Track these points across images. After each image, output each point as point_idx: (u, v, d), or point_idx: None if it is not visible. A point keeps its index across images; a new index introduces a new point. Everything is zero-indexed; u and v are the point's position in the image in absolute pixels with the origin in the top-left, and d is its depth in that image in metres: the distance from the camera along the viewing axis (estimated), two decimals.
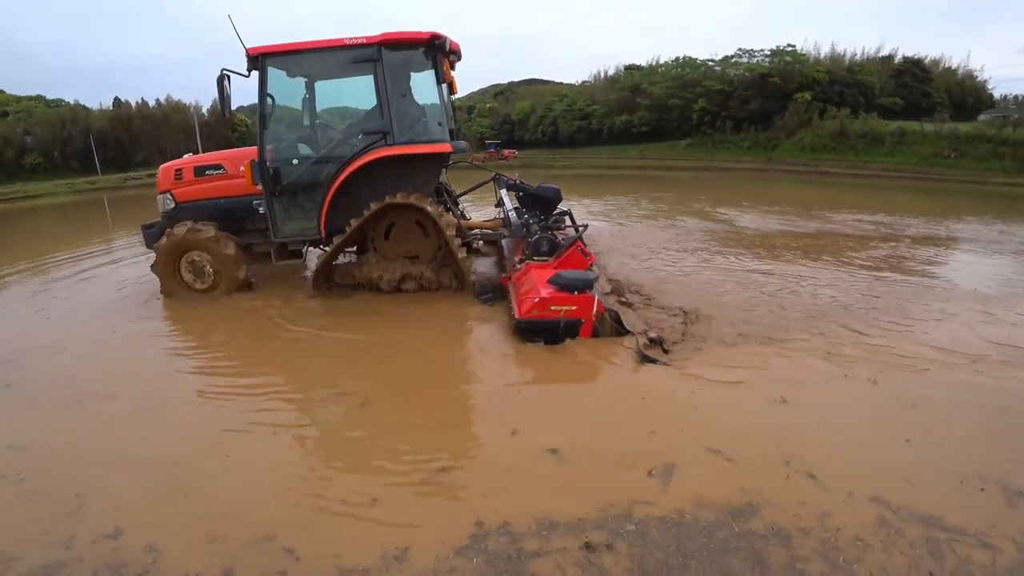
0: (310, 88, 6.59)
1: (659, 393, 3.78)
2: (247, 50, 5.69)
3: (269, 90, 5.83)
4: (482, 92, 49.57)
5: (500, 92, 47.00)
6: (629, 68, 36.72)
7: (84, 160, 36.83)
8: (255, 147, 6.39)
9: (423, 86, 6.23)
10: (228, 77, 5.58)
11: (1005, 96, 39.81)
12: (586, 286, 4.66)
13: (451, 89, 6.21)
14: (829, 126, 25.78)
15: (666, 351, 4.51)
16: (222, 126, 42.71)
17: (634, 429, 3.32)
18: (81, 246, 10.71)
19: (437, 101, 6.13)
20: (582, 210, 12.78)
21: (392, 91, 5.69)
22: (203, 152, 7.28)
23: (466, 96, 45.20)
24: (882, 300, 5.63)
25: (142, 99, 41.46)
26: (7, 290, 7.44)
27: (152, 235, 6.60)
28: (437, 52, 5.76)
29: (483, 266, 7.13)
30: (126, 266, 8.51)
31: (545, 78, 52.09)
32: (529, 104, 39.37)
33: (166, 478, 3.03)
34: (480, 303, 5.72)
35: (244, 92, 5.70)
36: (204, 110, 43.00)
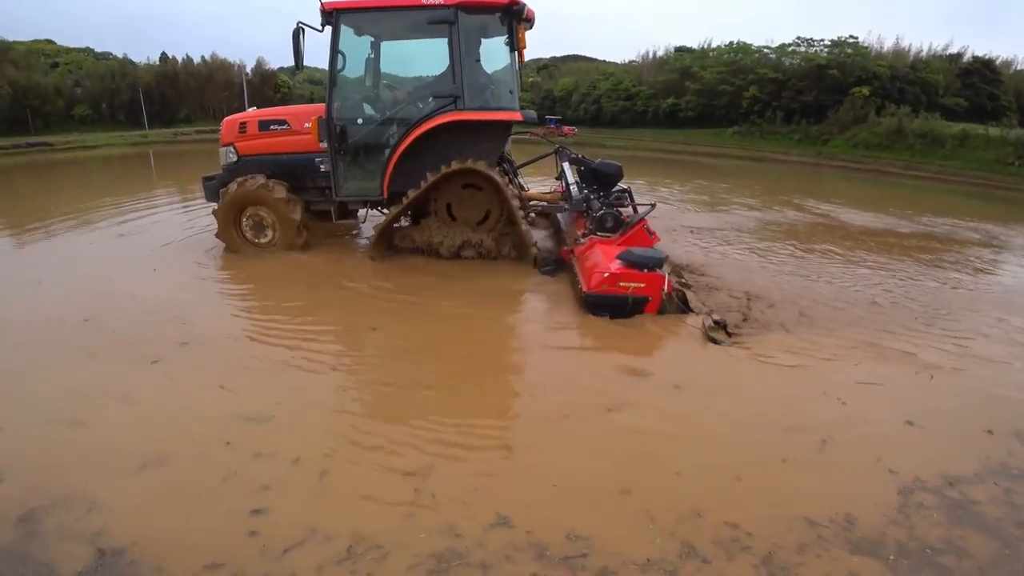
0: (376, 48, 6.51)
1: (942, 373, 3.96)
2: (322, 4, 5.62)
3: (340, 47, 5.79)
4: (523, 65, 48.87)
5: (543, 67, 46.29)
6: (680, 50, 35.73)
7: (130, 113, 37.58)
8: (320, 104, 6.40)
9: (491, 52, 6.11)
10: (303, 30, 5.54)
11: None
12: (656, 264, 4.61)
13: (520, 57, 6.08)
14: (886, 124, 24.76)
15: (730, 334, 4.44)
16: (265, 86, 43.22)
17: (959, 403, 3.55)
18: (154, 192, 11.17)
19: (508, 68, 6.00)
20: (674, 194, 12.58)
21: (465, 55, 5.59)
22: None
23: None
24: None
25: (187, 55, 41.93)
26: (110, 239, 7.42)
27: (212, 187, 6.64)
28: (514, 18, 5.63)
29: (537, 238, 7.05)
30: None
31: (588, 55, 51.20)
32: (572, 81, 38.72)
33: (508, 460, 2.80)
34: (540, 274, 5.68)
35: (288, 55, 5.58)
36: (248, 69, 43.45)
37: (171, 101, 39.67)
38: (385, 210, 6.40)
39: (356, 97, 6.34)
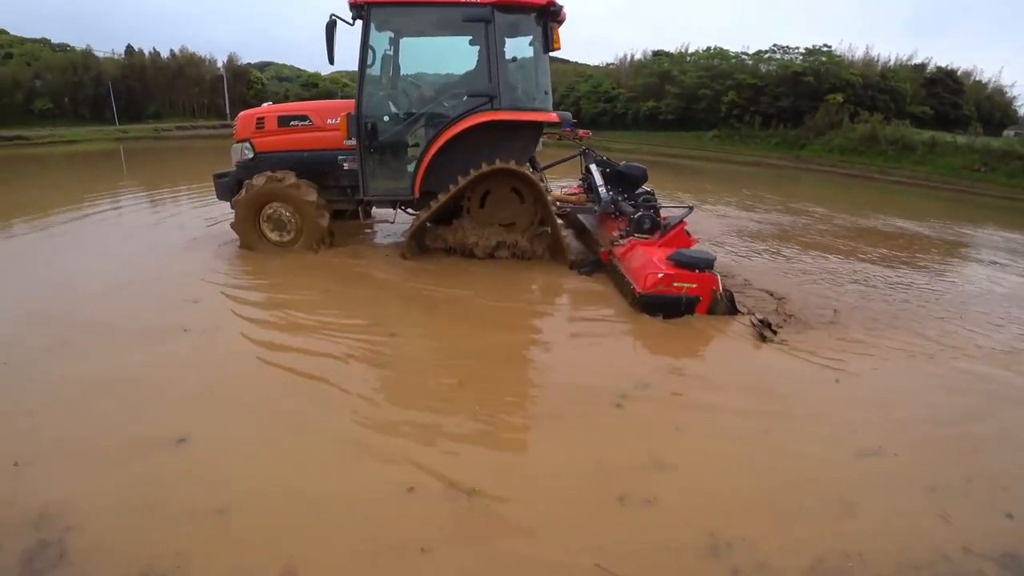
0: (395, 44, 6.37)
1: None
2: None
3: (371, 42, 5.65)
4: None
5: None
6: (657, 54, 36.18)
7: (95, 108, 35.99)
8: (343, 100, 6.24)
9: (520, 51, 6.06)
10: (336, 23, 5.40)
11: None
12: (707, 265, 4.66)
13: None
14: (860, 130, 25.54)
15: (774, 332, 4.50)
16: (238, 82, 42.03)
17: None
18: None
19: (542, 68, 5.96)
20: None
21: (500, 54, 5.53)
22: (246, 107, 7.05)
23: None
24: None
25: (154, 49, 40.47)
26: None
27: (224, 185, 6.41)
28: (549, 18, 5.59)
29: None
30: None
31: (563, 57, 51.28)
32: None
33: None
34: (579, 275, 5.67)
35: (261, 50, 5.34)
36: (219, 64, 42.16)
37: (138, 96, 38.13)
38: (411, 210, 6.28)
39: (384, 94, 6.20)
